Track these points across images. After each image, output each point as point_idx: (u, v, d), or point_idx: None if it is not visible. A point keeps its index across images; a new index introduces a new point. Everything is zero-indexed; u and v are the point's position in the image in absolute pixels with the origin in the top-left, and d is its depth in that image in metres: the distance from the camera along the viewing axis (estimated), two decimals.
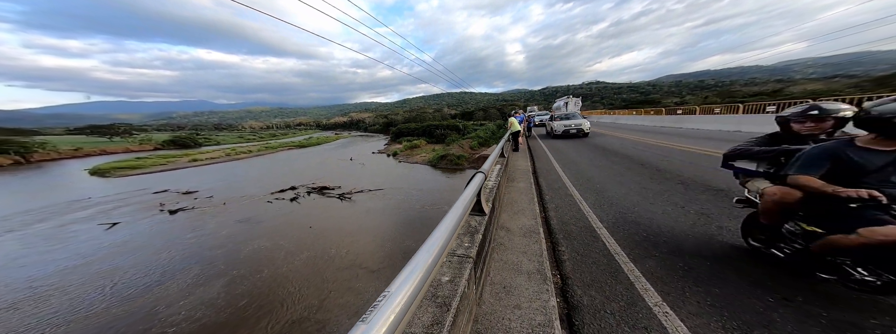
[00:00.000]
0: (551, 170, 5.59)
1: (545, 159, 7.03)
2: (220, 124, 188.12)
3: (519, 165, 6.11)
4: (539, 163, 6.66)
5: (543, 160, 6.92)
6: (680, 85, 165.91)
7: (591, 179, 4.58)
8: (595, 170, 5.24)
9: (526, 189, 4.06)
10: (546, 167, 5.96)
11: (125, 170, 20.45)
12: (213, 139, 51.65)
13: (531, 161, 6.84)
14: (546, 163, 6.55)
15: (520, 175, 5.07)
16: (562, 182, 4.58)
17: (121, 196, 13.08)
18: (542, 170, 5.71)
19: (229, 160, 26.15)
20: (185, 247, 7.16)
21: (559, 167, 5.75)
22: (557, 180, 4.71)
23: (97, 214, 10.27)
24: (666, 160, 5.44)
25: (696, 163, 4.88)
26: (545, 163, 6.46)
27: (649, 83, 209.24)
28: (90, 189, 14.83)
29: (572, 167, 5.70)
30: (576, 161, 6.37)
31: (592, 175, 4.87)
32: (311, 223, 8.70)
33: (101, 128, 50.65)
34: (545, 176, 5.14)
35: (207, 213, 9.94)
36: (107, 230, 8.63)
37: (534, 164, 6.38)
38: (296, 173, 17.55)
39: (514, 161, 6.64)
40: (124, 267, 6.22)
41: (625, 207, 3.11)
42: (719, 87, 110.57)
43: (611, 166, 5.43)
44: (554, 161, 6.55)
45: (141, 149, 37.81)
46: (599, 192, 3.81)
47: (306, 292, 5.15)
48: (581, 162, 6.19)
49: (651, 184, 3.91)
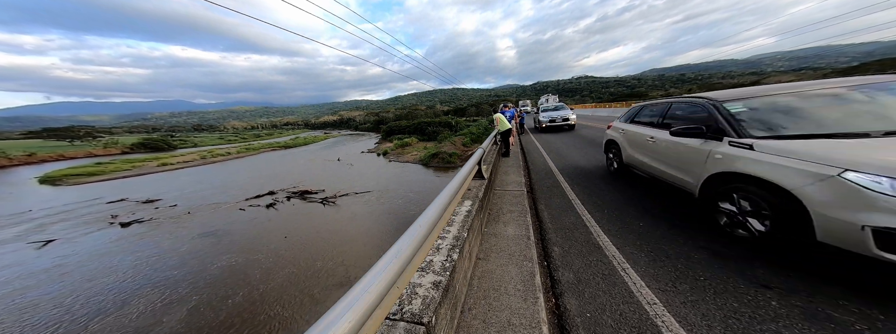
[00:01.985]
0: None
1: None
2: (201, 125, 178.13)
3: (509, 184, 4.14)
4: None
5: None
6: (663, 79, 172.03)
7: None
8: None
9: (519, 239, 2.31)
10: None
11: (80, 177, 18.33)
12: (191, 141, 48.26)
13: (527, 175, 4.99)
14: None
15: (510, 214, 2.92)
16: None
17: (69, 207, 11.45)
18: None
19: (205, 163, 24.18)
20: (134, 268, 5.99)
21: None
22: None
23: (32, 230, 8.77)
24: None
25: None
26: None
27: (634, 77, 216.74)
28: (35, 200, 12.99)
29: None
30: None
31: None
32: (289, 232, 7.68)
33: (58, 131, 46.23)
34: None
35: (167, 225, 8.67)
36: (38, 248, 7.27)
37: (530, 179, 4.74)
38: (277, 176, 16.20)
39: (504, 175, 4.78)
40: (44, 300, 5.03)
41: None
42: (700, 81, 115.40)
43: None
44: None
45: (106, 153, 34.65)
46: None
47: (294, 318, 4.22)
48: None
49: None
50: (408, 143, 25.42)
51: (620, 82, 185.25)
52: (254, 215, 9.32)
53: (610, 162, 4.48)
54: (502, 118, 6.38)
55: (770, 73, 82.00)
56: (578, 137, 9.34)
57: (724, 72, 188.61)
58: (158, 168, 21.67)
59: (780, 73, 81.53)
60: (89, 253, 6.82)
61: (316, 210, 9.72)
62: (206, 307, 4.63)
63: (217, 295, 4.98)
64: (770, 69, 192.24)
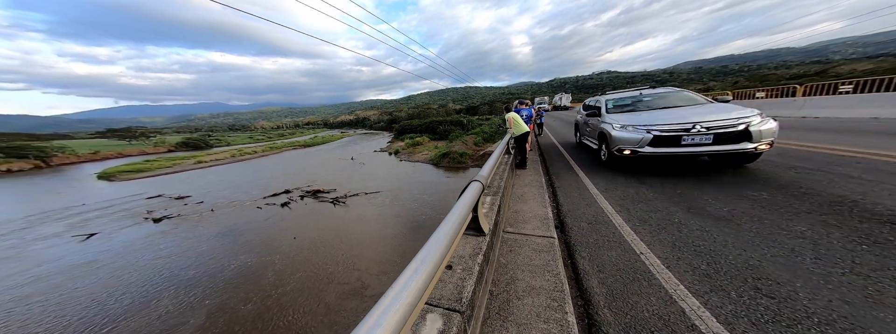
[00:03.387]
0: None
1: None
2: (235, 125, 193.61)
3: (526, 222, 2.62)
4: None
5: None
6: (700, 71, 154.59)
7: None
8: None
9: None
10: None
11: (130, 173, 20.33)
12: (224, 140, 52.31)
13: (554, 201, 3.42)
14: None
15: (531, 302, 1.47)
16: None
17: (115, 201, 12.60)
18: None
19: (233, 161, 25.83)
20: (159, 265, 6.27)
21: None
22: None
23: (81, 223, 9.67)
24: None
25: None
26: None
27: (665, 71, 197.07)
28: (91, 194, 14.52)
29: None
30: None
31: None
32: (301, 232, 7.71)
33: (119, 132, 52.24)
34: None
35: (192, 222, 9.12)
36: (81, 242, 7.93)
37: (559, 209, 3.13)
38: (294, 174, 16.74)
39: (519, 202, 3.16)
40: (80, 294, 5.34)
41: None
42: (746, 72, 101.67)
43: None
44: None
45: (155, 151, 38.47)
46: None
47: (311, 326, 4.12)
48: None
49: None
50: (419, 142, 25.22)
51: (648, 76, 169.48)
52: (269, 214, 9.53)
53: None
54: (517, 118, 5.00)
55: (839, 62, 67.86)
56: None
57: (776, 61, 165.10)
58: (194, 165, 23.48)
59: (851, 61, 67.22)
60: (122, 249, 7.29)
61: (327, 210, 9.73)
62: (223, 312, 4.64)
63: (234, 298, 5.00)
64: (838, 57, 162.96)
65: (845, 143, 4.54)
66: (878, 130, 5.41)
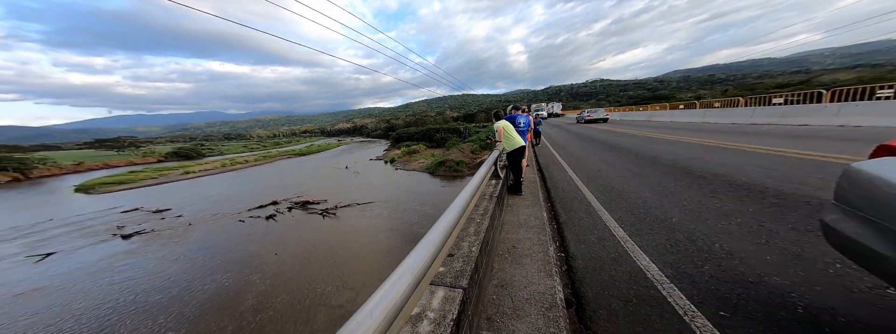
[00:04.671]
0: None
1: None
2: (230, 134, 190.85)
3: (518, 278, 1.70)
4: None
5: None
6: (689, 80, 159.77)
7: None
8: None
9: None
10: None
11: (111, 185, 19.19)
12: (218, 149, 50.94)
13: (559, 241, 2.56)
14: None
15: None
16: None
17: (87, 216, 11.61)
18: None
19: (224, 171, 24.85)
20: (118, 290, 5.47)
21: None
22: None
23: (41, 241, 8.72)
24: None
25: None
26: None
27: (656, 79, 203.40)
28: (63, 208, 13.45)
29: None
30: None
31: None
32: (287, 247, 7.04)
33: (107, 142, 50.51)
34: None
35: (165, 238, 8.29)
36: (36, 263, 7.03)
37: (568, 254, 2.27)
38: (284, 185, 15.98)
39: (510, 263, 1.90)
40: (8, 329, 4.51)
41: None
42: (732, 81, 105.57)
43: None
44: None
45: (144, 162, 37.02)
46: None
47: None
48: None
49: None
50: (415, 150, 24.82)
51: (640, 84, 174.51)
52: (252, 228, 8.79)
53: None
54: (509, 129, 3.71)
55: (818, 72, 70.77)
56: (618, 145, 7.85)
57: (760, 71, 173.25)
58: (181, 176, 22.43)
59: (831, 71, 70.27)
60: (79, 271, 6.45)
61: (316, 222, 9.06)
62: None
63: (206, 326, 4.27)
64: (817, 67, 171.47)
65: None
66: None
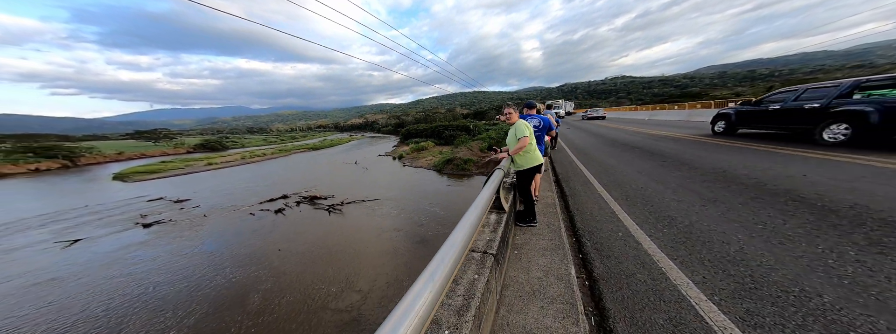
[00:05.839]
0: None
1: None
2: (253, 127, 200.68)
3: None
4: None
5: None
6: (725, 76, 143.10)
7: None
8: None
9: None
10: None
11: (144, 174, 20.48)
12: (240, 142, 53.51)
13: (593, 301, 1.62)
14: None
15: None
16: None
17: (119, 203, 12.32)
18: None
19: (243, 163, 25.85)
20: (131, 282, 5.56)
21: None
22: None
23: (73, 227, 9.26)
24: None
25: None
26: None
27: (686, 76, 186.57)
28: (99, 195, 14.42)
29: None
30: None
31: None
32: (293, 243, 6.94)
33: (146, 133, 54.42)
34: None
35: (181, 229, 8.52)
36: (63, 248, 7.42)
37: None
38: (296, 178, 16.23)
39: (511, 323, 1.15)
40: (13, 322, 4.65)
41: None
42: (776, 77, 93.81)
43: None
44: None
45: (175, 153, 39.49)
46: None
47: None
48: None
49: None
50: (424, 147, 24.49)
51: (666, 81, 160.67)
52: (262, 222, 8.84)
53: None
54: (525, 131, 2.38)
55: (884, 66, 60.03)
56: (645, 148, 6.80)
57: (813, 65, 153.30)
58: (205, 167, 23.56)
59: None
60: (100, 259, 6.67)
61: (321, 218, 8.97)
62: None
63: (209, 326, 4.16)
64: (884, 60, 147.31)
65: None
66: None
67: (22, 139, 42.25)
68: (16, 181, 21.25)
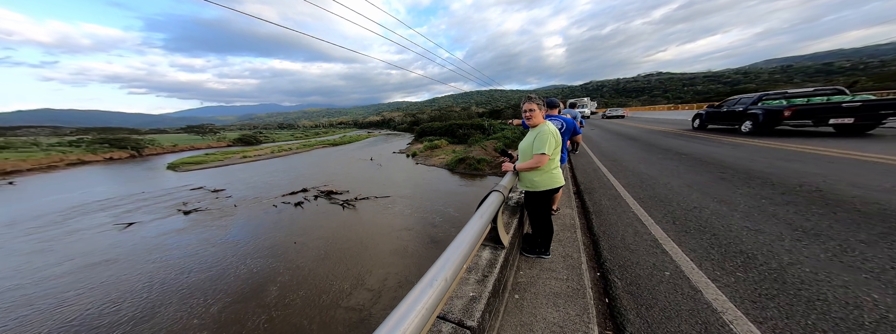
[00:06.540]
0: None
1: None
2: (283, 123, 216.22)
3: None
4: None
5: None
6: (789, 70, 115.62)
7: None
8: None
9: None
10: None
11: (191, 165, 22.84)
12: (271, 137, 57.80)
13: None
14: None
15: None
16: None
17: (168, 191, 13.80)
18: None
19: (272, 157, 27.77)
20: (168, 267, 6.10)
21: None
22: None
23: (131, 211, 10.51)
24: None
25: None
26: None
27: (738, 70, 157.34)
28: (154, 182, 16.32)
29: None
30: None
31: None
32: (309, 237, 7.19)
33: (195, 128, 60.92)
34: None
35: (214, 218, 9.25)
36: (121, 231, 8.40)
37: None
38: (315, 173, 16.96)
39: None
40: (71, 297, 5.24)
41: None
42: (861, 70, 74.89)
43: None
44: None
45: (217, 146, 43.79)
46: None
47: None
48: None
49: None
50: (437, 146, 24.26)
51: (713, 77, 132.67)
52: (282, 215, 9.29)
53: None
54: (546, 149, 1.66)
55: None
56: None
57: None
58: (240, 160, 25.68)
59: None
60: (147, 242, 7.42)
61: (336, 212, 9.20)
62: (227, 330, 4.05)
63: (234, 313, 4.43)
64: None
65: None
66: None
67: (101, 132, 49.60)
68: (94, 168, 24.92)
